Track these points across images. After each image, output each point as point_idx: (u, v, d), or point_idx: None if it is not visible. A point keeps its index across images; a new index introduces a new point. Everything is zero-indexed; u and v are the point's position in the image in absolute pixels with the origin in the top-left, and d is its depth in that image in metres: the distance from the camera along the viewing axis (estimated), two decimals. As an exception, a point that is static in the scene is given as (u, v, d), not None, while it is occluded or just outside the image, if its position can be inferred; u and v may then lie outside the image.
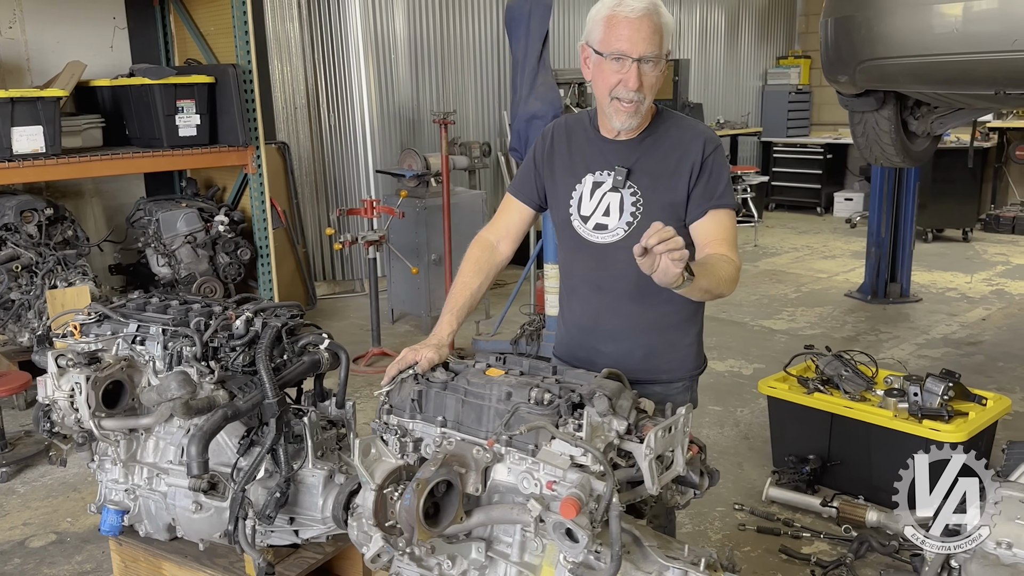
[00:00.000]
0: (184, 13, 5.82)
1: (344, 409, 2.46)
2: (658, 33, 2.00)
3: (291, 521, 2.35)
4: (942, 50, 3.58)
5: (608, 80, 2.04)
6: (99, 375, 2.32)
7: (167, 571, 2.57)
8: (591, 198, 2.19)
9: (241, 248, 5.49)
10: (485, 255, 2.33)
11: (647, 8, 1.99)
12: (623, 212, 2.15)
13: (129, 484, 2.52)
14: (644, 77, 2.02)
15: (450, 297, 2.28)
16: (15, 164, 4.58)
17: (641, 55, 1.99)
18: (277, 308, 2.48)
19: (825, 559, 3.12)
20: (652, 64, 2.02)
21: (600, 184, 2.18)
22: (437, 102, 7.56)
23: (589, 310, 2.27)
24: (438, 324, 2.21)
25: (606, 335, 2.25)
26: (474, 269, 2.30)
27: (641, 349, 2.23)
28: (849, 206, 10.83)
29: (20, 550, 3.34)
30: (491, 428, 1.90)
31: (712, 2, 10.87)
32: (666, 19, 2.02)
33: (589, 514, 1.66)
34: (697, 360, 2.34)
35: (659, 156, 2.15)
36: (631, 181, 2.15)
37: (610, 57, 2.02)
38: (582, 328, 2.30)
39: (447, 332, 2.18)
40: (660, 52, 2.02)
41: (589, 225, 2.19)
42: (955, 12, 3.53)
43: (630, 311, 2.21)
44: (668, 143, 2.15)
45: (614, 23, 2.00)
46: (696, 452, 1.95)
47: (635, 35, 1.98)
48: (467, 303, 2.26)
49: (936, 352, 5.54)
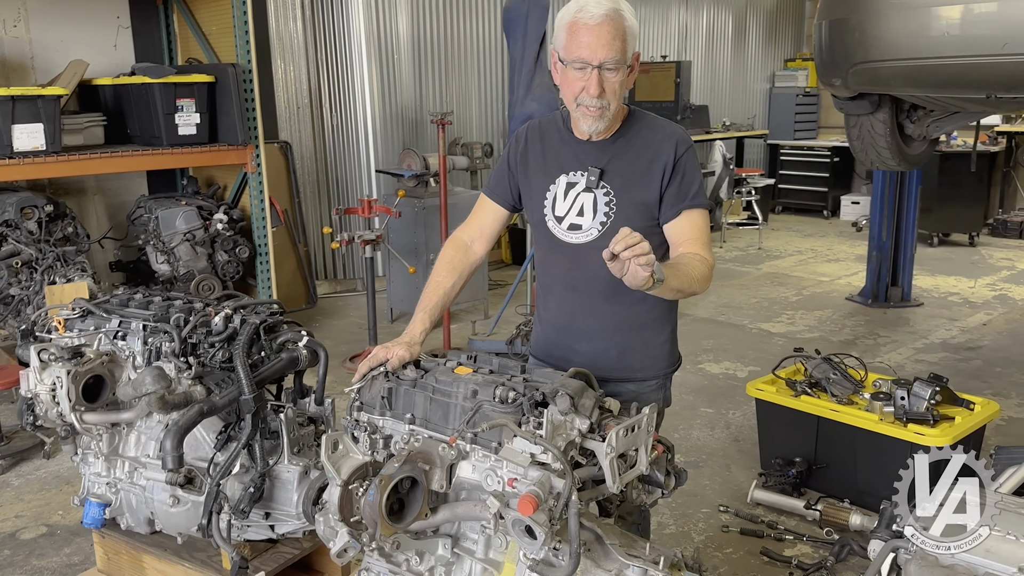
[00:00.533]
0: (187, 13, 5.86)
1: (323, 406, 2.48)
2: (619, 38, 2.01)
3: (267, 516, 2.38)
4: (933, 53, 3.58)
5: (572, 87, 2.07)
6: (80, 369, 2.35)
7: (148, 564, 2.60)
8: (565, 198, 2.21)
9: (240, 246, 5.52)
10: (459, 255, 2.36)
11: (607, 14, 1.99)
12: (596, 212, 2.17)
13: (111, 478, 2.55)
14: (606, 83, 2.03)
15: (424, 296, 2.31)
16: (15, 161, 4.62)
17: (601, 62, 2.00)
18: (257, 306, 2.50)
19: (806, 562, 3.12)
20: (613, 70, 2.02)
21: (574, 185, 2.20)
22: (440, 102, 7.59)
23: (564, 309, 2.30)
24: (411, 322, 2.25)
25: (581, 334, 2.27)
26: (448, 269, 2.33)
27: (615, 348, 2.25)
28: (856, 209, 10.80)
29: (11, 542, 3.39)
30: (457, 426, 1.92)
31: (719, 4, 10.86)
32: (629, 22, 2.02)
33: (548, 511, 1.67)
34: (671, 358, 2.36)
35: (631, 157, 2.17)
36: (604, 181, 2.17)
37: (572, 65, 2.04)
38: (557, 327, 2.33)
39: (419, 330, 2.21)
40: (622, 57, 2.02)
41: (563, 225, 2.22)
42: (947, 15, 3.53)
43: (604, 310, 2.23)
44: (640, 144, 2.17)
45: (575, 30, 2.02)
46: (662, 452, 1.97)
47: (595, 42, 1.99)
48: (440, 302, 2.29)
49: (934, 357, 5.52)
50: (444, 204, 5.73)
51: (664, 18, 10.09)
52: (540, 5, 5.11)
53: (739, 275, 8.04)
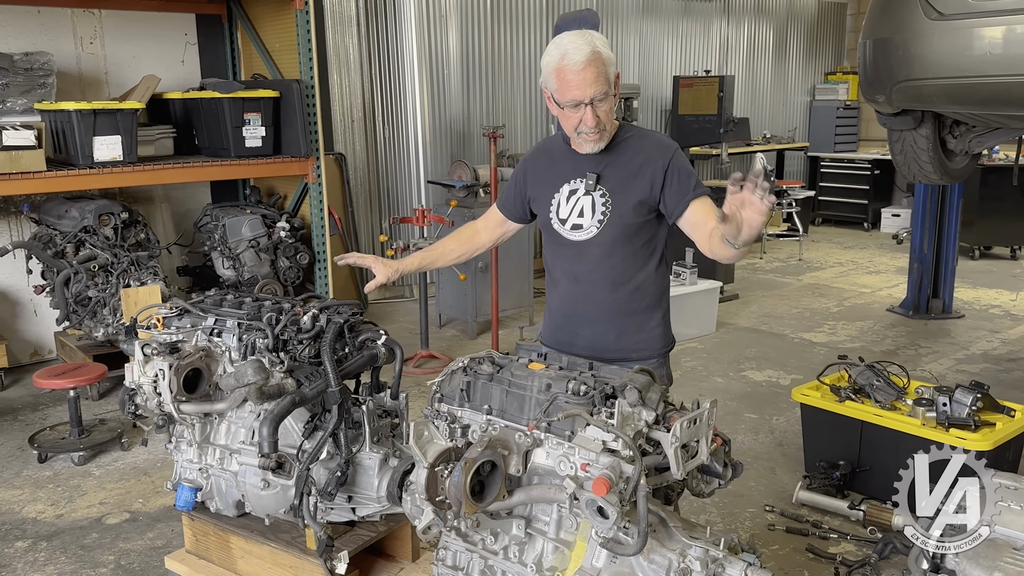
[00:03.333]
0: (251, 30, 6.15)
1: (398, 400, 2.69)
2: (602, 74, 2.30)
3: (349, 499, 2.58)
4: (976, 72, 3.69)
5: (570, 122, 2.39)
6: (180, 363, 2.58)
7: (235, 544, 2.82)
8: (567, 203, 2.53)
9: (300, 253, 5.78)
10: (467, 233, 2.85)
11: (588, 56, 2.28)
12: (595, 212, 2.48)
13: (203, 464, 2.77)
14: (599, 111, 2.34)
15: (428, 248, 2.86)
16: (95, 171, 4.92)
17: (591, 98, 2.31)
18: (340, 306, 2.71)
19: (850, 559, 3.25)
20: (603, 100, 2.33)
21: (575, 191, 2.52)
22: (487, 115, 7.81)
23: (568, 299, 2.59)
24: (406, 258, 2.79)
25: (583, 320, 2.56)
26: (456, 240, 2.83)
27: (614, 331, 2.54)
28: (896, 222, 10.83)
29: (98, 526, 3.63)
30: (532, 416, 2.10)
31: (761, 18, 10.98)
32: (606, 55, 2.32)
33: (619, 494, 1.85)
34: (665, 340, 2.62)
35: (624, 161, 2.47)
36: (600, 185, 2.47)
37: (567, 106, 2.34)
38: (563, 314, 2.61)
39: (408, 263, 2.77)
40: (607, 88, 2.33)
41: (567, 226, 2.52)
42: (989, 35, 3.64)
43: (602, 298, 2.52)
44: (631, 150, 2.47)
45: (563, 75, 2.31)
46: (720, 444, 2.13)
47: (583, 83, 2.30)
48: (436, 256, 2.81)
49: (975, 367, 5.59)
50: (494, 214, 5.92)
51: (706, 32, 10.24)
52: (590, 23, 5.30)
53: (780, 286, 8.14)
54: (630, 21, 9.07)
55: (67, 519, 3.69)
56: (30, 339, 5.77)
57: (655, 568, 1.93)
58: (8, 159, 4.60)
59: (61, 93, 5.40)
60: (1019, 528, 1.86)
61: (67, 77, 5.62)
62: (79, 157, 4.87)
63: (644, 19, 9.34)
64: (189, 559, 2.95)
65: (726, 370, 5.60)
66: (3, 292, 5.62)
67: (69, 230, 5.05)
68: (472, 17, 7.68)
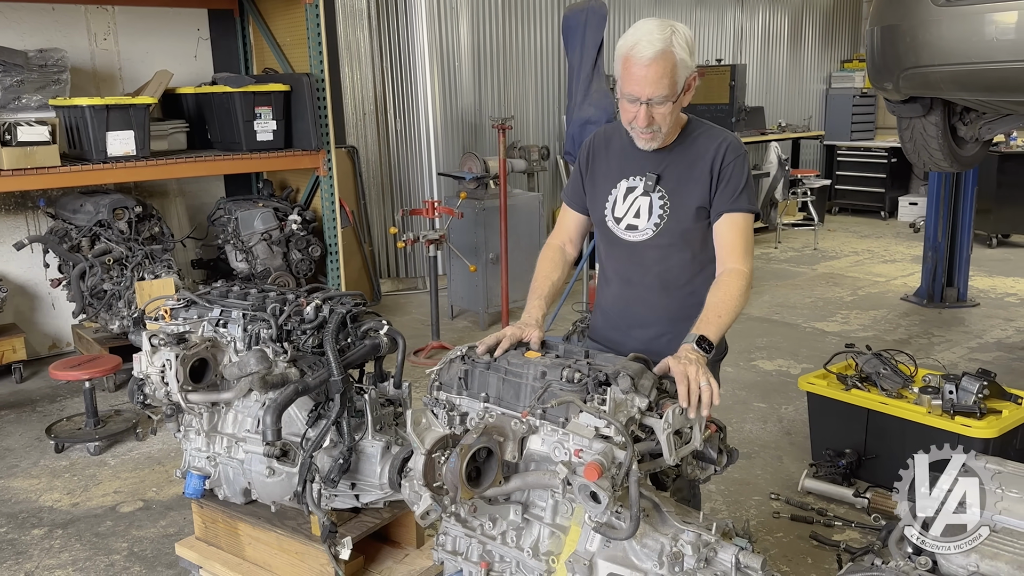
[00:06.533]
0: (262, 25, 6.20)
1: (400, 389, 2.73)
2: (667, 76, 2.17)
3: (352, 487, 2.62)
4: (983, 58, 3.68)
5: (626, 114, 2.28)
6: (187, 353, 2.63)
7: (242, 531, 2.87)
8: (624, 201, 2.43)
9: (312, 245, 5.84)
10: (557, 255, 2.57)
11: (659, 52, 2.15)
12: (651, 214, 2.38)
13: (211, 452, 2.83)
14: (654, 113, 2.22)
15: (534, 287, 2.50)
16: (109, 166, 4.99)
17: (649, 98, 2.20)
18: (342, 297, 2.75)
19: (854, 546, 3.26)
20: (661, 103, 2.21)
21: (633, 189, 2.42)
22: (498, 107, 7.83)
23: (620, 299, 2.52)
24: (529, 308, 2.43)
25: (635, 322, 2.49)
26: (551, 265, 2.54)
27: (667, 335, 2.43)
28: (914, 210, 10.74)
29: (112, 514, 3.71)
30: (527, 403, 2.13)
31: (776, 5, 10.91)
32: (680, 56, 2.17)
33: (611, 479, 1.87)
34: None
35: (686, 164, 2.36)
36: (659, 186, 2.38)
37: (625, 97, 2.24)
38: (615, 315, 2.55)
39: (540, 313, 2.40)
40: (670, 92, 2.19)
41: (622, 225, 2.43)
42: (997, 21, 3.62)
43: (655, 302, 2.44)
44: (695, 152, 2.36)
45: (628, 65, 2.20)
46: (714, 431, 2.15)
47: (643, 80, 2.17)
48: (551, 291, 2.49)
49: (988, 356, 5.56)
50: (504, 205, 5.96)
51: (719, 20, 10.19)
52: (598, 14, 5.30)
53: (794, 275, 8.11)
54: (641, 10, 9.03)
55: (82, 507, 3.77)
56: (48, 332, 5.87)
57: (647, 552, 1.95)
58: (23, 154, 4.68)
59: (75, 89, 5.48)
60: (1019, 516, 1.86)
61: (81, 73, 5.70)
62: (93, 152, 4.94)
63: (656, 8, 9.30)
64: (199, 545, 3.01)
65: (736, 359, 5.60)
66: (22, 286, 5.72)
67: (84, 224, 5.13)
68: (483, 9, 7.69)
